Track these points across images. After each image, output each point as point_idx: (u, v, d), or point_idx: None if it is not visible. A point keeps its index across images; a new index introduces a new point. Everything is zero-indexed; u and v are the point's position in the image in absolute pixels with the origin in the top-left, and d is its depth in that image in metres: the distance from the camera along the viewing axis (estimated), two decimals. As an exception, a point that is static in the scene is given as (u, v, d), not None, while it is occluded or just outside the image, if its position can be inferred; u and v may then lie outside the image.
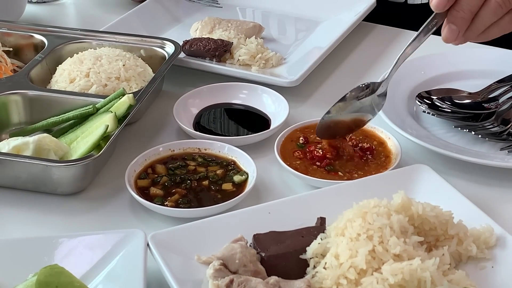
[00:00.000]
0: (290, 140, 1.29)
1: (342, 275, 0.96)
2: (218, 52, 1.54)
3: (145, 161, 1.24)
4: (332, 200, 1.11)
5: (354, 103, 1.23)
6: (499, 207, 1.16)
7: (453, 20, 1.15)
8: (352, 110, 1.23)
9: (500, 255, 1.04)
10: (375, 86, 1.23)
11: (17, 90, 1.37)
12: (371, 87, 1.23)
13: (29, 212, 1.19)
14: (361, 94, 1.23)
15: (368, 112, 1.25)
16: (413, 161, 1.24)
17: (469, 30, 1.16)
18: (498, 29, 1.17)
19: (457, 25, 1.15)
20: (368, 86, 1.23)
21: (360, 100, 1.22)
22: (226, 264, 1.00)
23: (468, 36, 1.17)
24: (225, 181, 1.21)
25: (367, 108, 1.24)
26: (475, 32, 1.16)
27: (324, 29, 1.70)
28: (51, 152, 1.21)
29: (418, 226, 1.03)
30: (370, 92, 1.23)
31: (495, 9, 1.13)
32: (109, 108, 1.29)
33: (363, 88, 1.23)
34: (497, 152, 1.28)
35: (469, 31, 1.16)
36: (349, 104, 1.23)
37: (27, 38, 1.57)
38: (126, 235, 1.04)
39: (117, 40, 1.53)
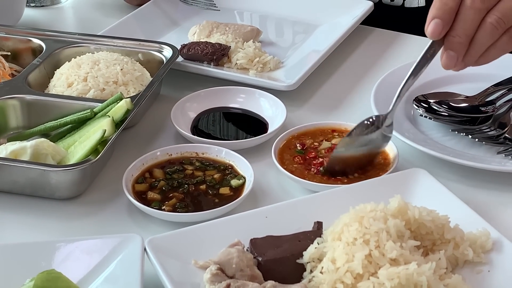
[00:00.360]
0: (288, 145, 1.29)
1: (339, 280, 0.96)
2: (216, 56, 1.54)
3: (142, 165, 1.24)
4: (329, 205, 1.11)
5: (361, 138, 1.21)
6: (496, 211, 1.17)
7: (450, 46, 1.14)
8: (360, 145, 1.22)
9: (496, 259, 1.04)
10: (379, 121, 1.21)
11: (15, 94, 1.37)
12: (376, 124, 1.21)
13: (26, 217, 1.19)
14: (367, 130, 1.21)
15: (377, 144, 1.23)
16: (410, 165, 1.24)
17: (468, 54, 1.15)
18: (496, 51, 1.16)
19: (454, 50, 1.14)
20: (373, 123, 1.21)
21: (368, 136, 1.21)
22: (223, 268, 1.00)
23: (467, 60, 1.16)
24: (223, 185, 1.21)
25: (376, 142, 1.23)
26: (474, 55, 1.15)
27: (322, 32, 1.70)
28: (48, 157, 1.21)
29: (414, 230, 1.03)
30: (375, 128, 1.21)
31: (490, 31, 1.12)
32: (107, 112, 1.29)
33: (368, 125, 1.21)
34: (494, 156, 1.28)
35: (468, 56, 1.15)
36: (356, 139, 1.21)
37: (25, 42, 1.57)
38: (124, 239, 1.04)
39: (115, 44, 1.53)
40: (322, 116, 1.42)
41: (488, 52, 1.16)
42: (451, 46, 1.14)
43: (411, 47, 1.67)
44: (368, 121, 1.22)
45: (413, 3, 1.84)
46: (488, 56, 1.16)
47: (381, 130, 1.22)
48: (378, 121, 1.22)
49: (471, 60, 1.16)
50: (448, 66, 1.15)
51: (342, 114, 1.44)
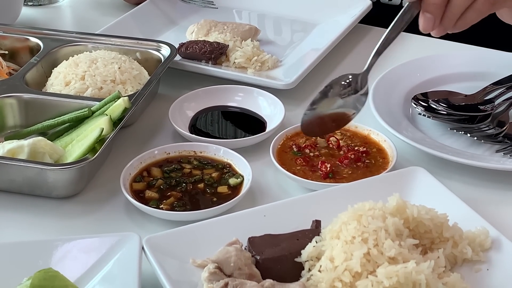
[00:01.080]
0: (286, 144, 1.29)
1: (337, 278, 0.96)
2: (214, 54, 1.54)
3: (140, 164, 1.24)
4: (327, 203, 1.11)
5: (337, 100, 1.20)
6: (495, 210, 1.16)
7: (427, 8, 1.14)
8: (335, 107, 1.21)
9: (495, 257, 1.03)
10: (357, 84, 1.20)
11: (13, 93, 1.36)
12: (352, 85, 1.20)
13: (24, 216, 1.19)
14: (343, 91, 1.20)
15: (351, 108, 1.21)
16: (408, 164, 1.24)
17: (445, 17, 1.15)
18: (474, 12, 1.16)
19: (431, 12, 1.14)
20: (349, 84, 1.20)
21: (343, 99, 1.20)
22: (221, 267, 1.00)
23: (445, 23, 1.16)
24: (221, 184, 1.21)
25: (350, 105, 1.21)
26: (451, 18, 1.15)
27: (320, 31, 1.70)
28: (46, 156, 1.21)
29: (413, 229, 1.03)
30: (352, 91, 1.20)
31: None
32: (104, 111, 1.29)
33: (345, 85, 1.20)
34: (493, 154, 1.28)
35: (445, 18, 1.16)
36: (331, 101, 1.20)
37: (22, 41, 1.57)
38: (121, 238, 1.04)
39: (113, 43, 1.53)
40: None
41: (465, 15, 1.16)
42: (428, 8, 1.15)
43: (409, 45, 1.67)
44: (345, 81, 1.20)
45: (411, 2, 1.84)
46: (465, 18, 1.16)
47: (356, 96, 1.20)
48: (355, 84, 1.20)
49: (449, 23, 1.16)
50: (426, 28, 1.16)
51: (340, 112, 1.44)
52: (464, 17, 1.16)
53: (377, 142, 1.29)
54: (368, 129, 1.31)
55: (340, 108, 1.22)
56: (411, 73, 1.49)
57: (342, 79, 1.22)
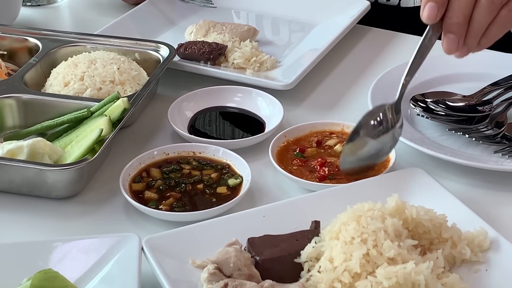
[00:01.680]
0: (286, 146, 1.29)
1: (337, 279, 0.96)
2: (213, 55, 1.54)
3: (139, 164, 1.24)
4: (326, 204, 1.11)
5: (370, 142, 1.17)
6: (493, 210, 1.17)
7: (449, 28, 1.11)
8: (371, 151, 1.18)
9: (494, 258, 1.04)
10: (388, 122, 1.16)
11: (11, 93, 1.36)
12: (384, 124, 1.16)
13: (23, 216, 1.19)
14: (375, 132, 1.17)
15: (388, 144, 1.19)
16: (407, 164, 1.24)
17: (468, 35, 1.11)
18: (497, 28, 1.12)
19: (454, 32, 1.11)
20: (381, 123, 1.16)
21: (378, 139, 1.17)
22: (220, 268, 1.00)
23: (469, 42, 1.12)
24: (220, 184, 1.21)
25: (387, 142, 1.18)
26: (475, 36, 1.11)
27: (319, 32, 1.70)
28: (45, 156, 1.21)
29: (412, 229, 1.03)
30: (385, 130, 1.16)
31: (488, 6, 1.09)
32: (104, 111, 1.29)
33: (375, 125, 1.16)
34: (491, 155, 1.28)
35: (469, 37, 1.12)
36: (365, 144, 1.17)
37: (21, 42, 1.57)
38: (121, 239, 1.04)
39: (112, 44, 1.53)
40: (319, 116, 1.42)
41: (489, 31, 1.12)
42: (450, 28, 1.10)
43: (407, 46, 1.67)
44: (375, 120, 1.16)
45: (409, 3, 1.84)
46: (489, 35, 1.12)
47: (392, 131, 1.16)
48: (386, 122, 1.16)
49: (473, 42, 1.12)
50: (450, 50, 1.11)
51: (339, 113, 1.44)
52: (488, 34, 1.12)
53: (376, 142, 1.29)
54: (366, 130, 1.31)
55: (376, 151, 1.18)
56: (410, 74, 1.49)
57: (371, 118, 1.17)
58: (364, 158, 1.19)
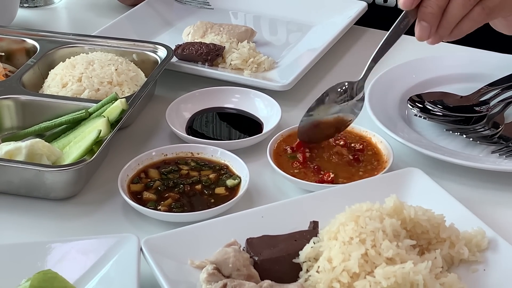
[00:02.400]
0: (283, 145, 1.29)
1: (335, 279, 0.96)
2: (210, 56, 1.54)
3: (138, 165, 1.24)
4: (324, 204, 1.11)
5: (333, 106, 1.25)
6: (491, 210, 1.17)
7: (423, 16, 1.15)
8: (332, 113, 1.26)
9: (492, 258, 1.04)
10: (352, 90, 1.25)
11: (9, 95, 1.37)
12: (348, 92, 1.25)
13: (21, 217, 1.19)
14: (339, 98, 1.25)
15: (348, 113, 1.27)
16: (405, 165, 1.25)
17: (441, 26, 1.16)
18: (469, 22, 1.16)
19: (427, 21, 1.15)
20: (345, 91, 1.25)
21: (340, 105, 1.25)
22: (219, 268, 1.00)
23: (441, 32, 1.17)
24: (218, 185, 1.21)
25: (347, 110, 1.26)
26: (447, 27, 1.16)
27: (316, 33, 1.70)
28: (43, 157, 1.21)
29: (410, 229, 1.04)
30: (348, 98, 1.25)
31: (463, 2, 1.13)
32: (102, 112, 1.29)
33: (341, 92, 1.25)
34: (489, 155, 1.29)
35: (441, 27, 1.16)
36: (328, 107, 1.25)
37: (19, 43, 1.57)
38: (120, 240, 1.04)
39: (109, 45, 1.53)
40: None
41: (461, 24, 1.16)
42: (424, 17, 1.15)
43: (404, 47, 1.67)
44: (341, 88, 1.25)
45: (406, 4, 1.85)
46: (461, 28, 1.17)
47: (352, 102, 1.25)
48: (351, 90, 1.25)
49: (444, 32, 1.17)
50: (422, 37, 1.16)
51: (336, 114, 1.44)
52: (460, 26, 1.17)
53: (374, 143, 1.30)
54: (364, 131, 1.32)
55: (337, 114, 1.25)
56: (407, 74, 1.49)
57: (338, 86, 1.26)
58: (323, 124, 1.26)
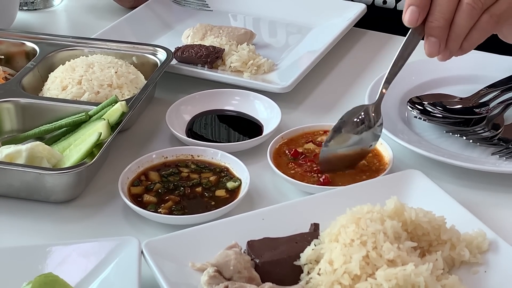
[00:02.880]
0: (283, 149, 1.29)
1: (336, 281, 0.96)
2: (210, 58, 1.55)
3: (138, 168, 1.24)
4: (325, 206, 1.11)
5: (352, 137, 1.22)
6: (491, 212, 1.17)
7: (430, 31, 1.13)
8: (351, 144, 1.22)
9: (492, 259, 1.04)
10: (369, 119, 1.21)
11: (9, 98, 1.36)
12: (366, 123, 1.21)
13: (22, 220, 1.19)
14: (357, 129, 1.22)
15: (370, 141, 1.23)
16: (405, 167, 1.25)
17: (450, 39, 1.14)
18: (478, 32, 1.15)
19: (435, 36, 1.13)
20: (363, 121, 1.21)
21: (359, 135, 1.22)
22: (220, 270, 1.00)
23: (450, 46, 1.15)
24: (219, 187, 1.21)
25: (368, 139, 1.23)
26: (456, 40, 1.14)
27: (315, 35, 1.70)
28: (44, 160, 1.21)
29: (411, 231, 1.04)
30: (366, 128, 1.21)
31: (469, 11, 1.11)
32: (102, 115, 1.29)
33: (358, 123, 1.21)
34: (489, 157, 1.29)
35: (450, 41, 1.14)
36: (347, 138, 1.21)
37: (18, 46, 1.57)
38: (120, 242, 1.04)
39: (109, 47, 1.53)
40: (317, 118, 1.43)
41: (470, 35, 1.14)
42: (431, 32, 1.13)
43: (404, 49, 1.67)
44: (357, 118, 1.22)
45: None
46: (471, 39, 1.15)
47: (372, 130, 1.22)
48: (368, 119, 1.22)
49: (454, 46, 1.15)
50: (432, 53, 1.15)
51: (336, 115, 1.42)
52: (469, 38, 1.15)
53: (374, 145, 1.30)
54: (364, 132, 1.32)
55: (358, 145, 1.22)
56: (406, 76, 1.49)
57: (354, 116, 1.22)
58: (344, 155, 1.22)
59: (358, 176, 1.23)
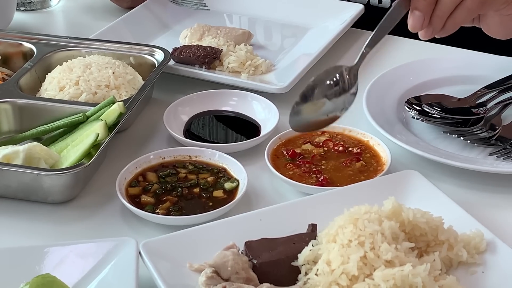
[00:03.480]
0: (281, 148, 1.30)
1: (334, 282, 0.96)
2: (208, 59, 1.54)
3: (136, 169, 1.24)
4: (323, 207, 1.11)
5: (326, 103, 1.15)
6: (489, 212, 1.17)
7: (416, 5, 1.14)
8: (323, 112, 1.16)
9: (490, 260, 1.04)
10: (344, 82, 1.16)
11: (6, 98, 1.36)
12: (340, 85, 1.15)
13: (19, 221, 1.19)
14: (330, 92, 1.15)
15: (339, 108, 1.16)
16: (402, 167, 1.25)
17: (434, 15, 1.15)
18: (463, 11, 1.15)
19: (420, 10, 1.14)
20: (337, 83, 1.15)
21: (331, 100, 1.15)
22: (218, 271, 1.00)
23: (434, 23, 1.15)
24: (216, 188, 1.21)
25: (339, 106, 1.16)
26: (440, 16, 1.15)
27: (313, 35, 1.70)
28: (41, 161, 1.21)
29: (409, 232, 1.04)
30: (341, 90, 1.15)
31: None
32: (99, 116, 1.29)
33: (332, 85, 1.15)
34: (486, 158, 1.29)
35: (434, 16, 1.15)
36: (318, 104, 1.15)
37: (15, 46, 1.56)
38: (118, 243, 1.04)
39: (107, 48, 1.53)
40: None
41: (455, 13, 1.16)
42: (417, 5, 1.14)
43: (400, 49, 1.68)
44: (331, 79, 1.15)
45: (402, 6, 1.85)
46: (455, 18, 1.16)
47: (345, 96, 1.15)
48: (342, 81, 1.15)
49: (438, 22, 1.16)
50: (415, 27, 1.15)
51: (334, 116, 1.45)
52: (454, 16, 1.16)
53: (371, 145, 1.30)
54: (362, 133, 1.32)
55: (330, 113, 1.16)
56: (404, 77, 1.49)
57: (328, 77, 1.15)
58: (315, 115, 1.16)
59: (356, 176, 1.23)
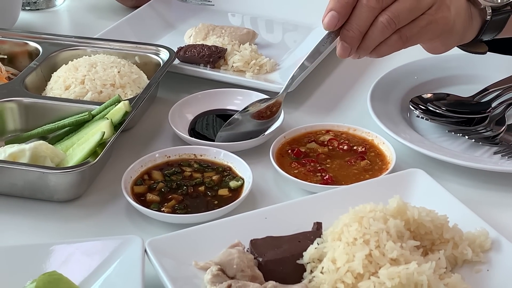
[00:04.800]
0: (286, 148, 1.30)
1: (339, 280, 0.97)
2: (212, 58, 1.55)
3: (141, 167, 1.24)
4: (328, 205, 1.12)
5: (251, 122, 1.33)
6: (494, 211, 1.17)
7: (345, 38, 1.19)
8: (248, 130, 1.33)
9: (495, 258, 1.04)
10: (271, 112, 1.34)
11: (12, 97, 1.37)
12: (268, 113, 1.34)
13: (25, 219, 1.19)
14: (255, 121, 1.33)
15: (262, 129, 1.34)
16: (407, 166, 1.25)
17: (360, 48, 1.20)
18: (387, 47, 1.21)
19: (348, 43, 1.19)
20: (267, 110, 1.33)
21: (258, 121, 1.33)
22: (223, 269, 1.01)
23: (360, 52, 1.21)
24: (221, 186, 1.21)
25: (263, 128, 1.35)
26: (366, 49, 1.20)
27: (318, 35, 1.68)
28: (47, 159, 1.21)
29: (414, 230, 1.04)
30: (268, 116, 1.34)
31: (382, 29, 1.17)
32: (105, 115, 1.29)
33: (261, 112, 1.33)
34: (491, 156, 1.29)
35: (360, 49, 1.20)
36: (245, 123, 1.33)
37: (21, 46, 1.57)
38: (124, 241, 1.04)
39: (112, 47, 1.53)
40: (319, 118, 1.43)
41: (379, 48, 1.21)
42: (345, 39, 1.19)
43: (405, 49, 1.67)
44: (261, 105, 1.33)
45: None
46: (379, 51, 1.21)
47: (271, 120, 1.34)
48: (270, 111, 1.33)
49: (363, 53, 1.21)
50: (342, 56, 1.21)
51: (339, 115, 1.45)
52: (378, 50, 1.21)
53: (376, 144, 1.30)
54: (366, 132, 1.32)
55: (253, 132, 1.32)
56: (409, 76, 1.50)
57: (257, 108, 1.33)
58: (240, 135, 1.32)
59: (361, 175, 1.23)
